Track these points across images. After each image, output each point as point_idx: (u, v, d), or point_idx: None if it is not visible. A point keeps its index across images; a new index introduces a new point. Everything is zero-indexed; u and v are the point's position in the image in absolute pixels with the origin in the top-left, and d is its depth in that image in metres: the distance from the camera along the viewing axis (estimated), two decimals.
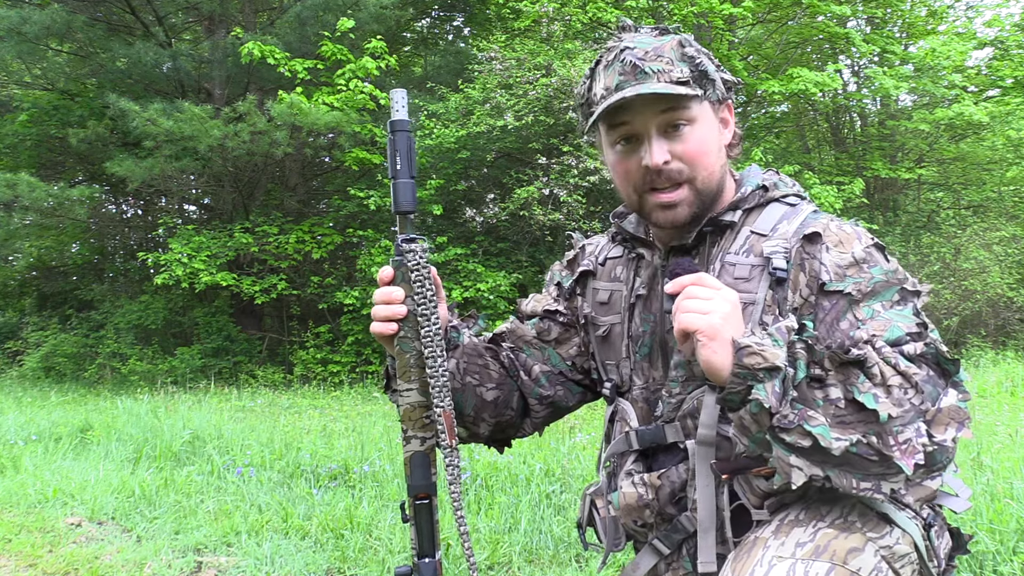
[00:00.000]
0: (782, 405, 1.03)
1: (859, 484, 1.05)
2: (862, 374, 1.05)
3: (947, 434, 1.05)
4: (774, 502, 1.19)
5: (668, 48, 1.21)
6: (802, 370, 1.04)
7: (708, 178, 1.24)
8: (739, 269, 1.22)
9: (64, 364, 11.37)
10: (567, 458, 3.97)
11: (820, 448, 1.02)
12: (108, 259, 14.34)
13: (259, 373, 10.26)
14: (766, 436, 1.05)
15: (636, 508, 1.28)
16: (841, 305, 1.15)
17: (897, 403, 1.03)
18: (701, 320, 1.07)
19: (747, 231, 1.26)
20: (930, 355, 1.09)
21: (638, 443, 1.31)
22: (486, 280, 9.34)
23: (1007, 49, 12.22)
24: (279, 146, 9.80)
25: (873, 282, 1.15)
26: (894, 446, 1.02)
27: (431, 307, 1.19)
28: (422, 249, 1.17)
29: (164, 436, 5.04)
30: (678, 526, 1.26)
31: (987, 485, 2.92)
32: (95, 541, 3.46)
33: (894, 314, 1.13)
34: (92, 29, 11.03)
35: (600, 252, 1.45)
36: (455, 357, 1.35)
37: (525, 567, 2.91)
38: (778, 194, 1.29)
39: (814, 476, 1.05)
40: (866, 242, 1.19)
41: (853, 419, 1.03)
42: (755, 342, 1.04)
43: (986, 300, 10.52)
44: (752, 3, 9.97)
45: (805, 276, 1.17)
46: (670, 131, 1.21)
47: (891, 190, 12.84)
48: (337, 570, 2.98)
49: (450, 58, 12.13)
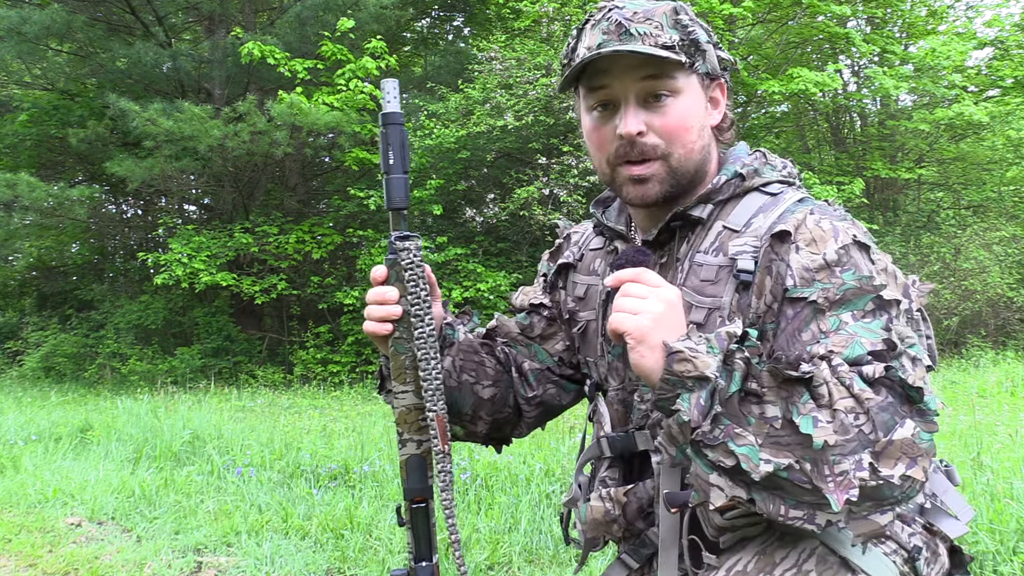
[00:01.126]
0: (704, 420, 0.95)
1: (788, 512, 0.95)
2: (807, 393, 0.95)
3: (895, 469, 0.93)
4: (732, 536, 1.09)
5: (660, 12, 1.12)
6: (736, 383, 0.95)
7: (685, 156, 1.14)
8: (706, 270, 1.12)
9: (64, 364, 11.36)
10: (567, 458, 3.97)
11: (743, 469, 0.94)
12: (108, 259, 14.34)
13: (259, 373, 10.26)
14: (688, 450, 0.98)
15: (603, 523, 1.22)
16: (805, 314, 1.03)
17: (840, 430, 0.92)
18: (630, 321, 1.00)
19: (719, 226, 1.14)
20: (894, 379, 0.96)
21: (609, 450, 1.25)
22: (486, 280, 9.34)
23: (1007, 49, 12.22)
24: (279, 146, 9.81)
25: (844, 288, 1.02)
26: (828, 477, 0.92)
27: (425, 307, 1.14)
28: (416, 247, 1.13)
29: (164, 436, 5.04)
30: (646, 541, 1.20)
31: (987, 485, 2.92)
32: (95, 541, 3.46)
33: (860, 327, 1.00)
34: (92, 29, 11.04)
35: (583, 243, 1.37)
36: (451, 355, 1.30)
37: (525, 567, 2.91)
38: (758, 182, 1.16)
39: (736, 497, 0.96)
40: (843, 240, 1.05)
41: (789, 441, 0.93)
42: (687, 347, 0.96)
43: (986, 300, 10.52)
44: (752, 3, 9.96)
45: (771, 280, 1.06)
46: (650, 101, 1.12)
47: (891, 190, 12.84)
48: (337, 570, 2.98)
49: (450, 58, 12.12)
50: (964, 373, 7.99)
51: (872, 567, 1.05)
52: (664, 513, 1.14)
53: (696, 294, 1.12)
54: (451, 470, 1.15)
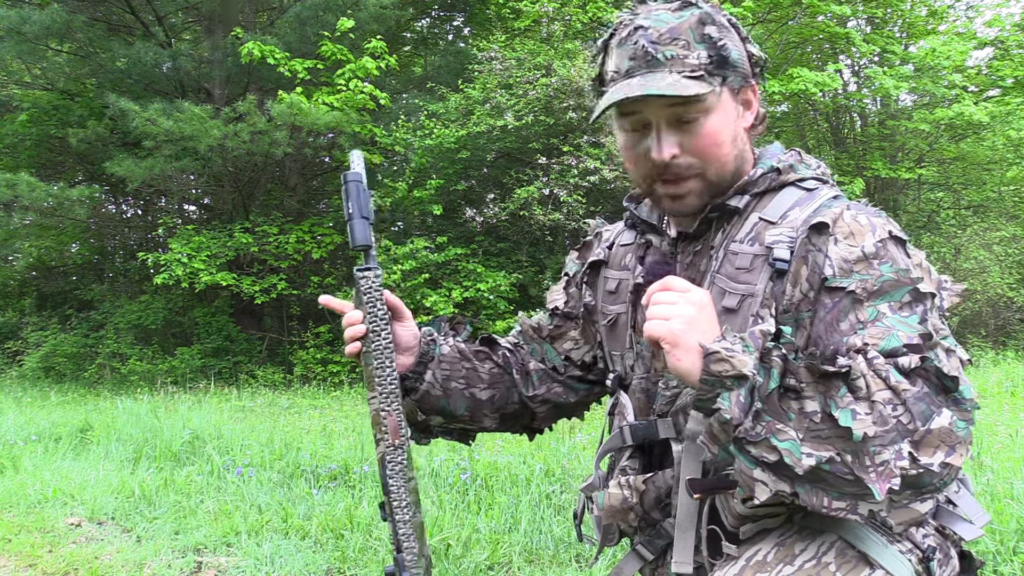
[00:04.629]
0: (746, 417, 0.97)
1: (832, 503, 0.97)
2: (844, 386, 0.97)
3: (935, 458, 0.96)
4: (752, 527, 1.11)
5: (686, 28, 1.12)
6: (774, 380, 0.98)
7: (720, 169, 1.16)
8: (741, 258, 1.14)
9: (64, 364, 11.36)
10: (567, 458, 3.97)
11: (786, 464, 0.96)
12: (108, 259, 14.35)
13: (259, 373, 10.26)
14: (731, 447, 1.00)
15: (620, 511, 1.24)
16: (844, 304, 1.05)
17: (880, 421, 0.95)
18: (662, 327, 1.03)
19: (755, 217, 1.17)
20: (929, 369, 0.99)
21: (631, 438, 1.27)
22: (486, 280, 9.34)
23: (1007, 49, 12.23)
24: (279, 146, 9.81)
25: (881, 280, 1.04)
26: (870, 467, 0.95)
27: (382, 324, 1.27)
28: (375, 275, 1.29)
29: (164, 436, 5.03)
30: (662, 532, 1.22)
31: (987, 485, 2.92)
32: (95, 541, 3.46)
33: (897, 320, 1.03)
34: (92, 29, 11.04)
35: (614, 239, 1.40)
36: (431, 368, 1.37)
37: (525, 567, 2.91)
38: (793, 177, 1.19)
39: (780, 491, 0.98)
40: (881, 235, 1.07)
41: (829, 434, 0.96)
42: (724, 347, 0.98)
43: (986, 300, 10.53)
44: (752, 3, 9.97)
45: (807, 269, 1.08)
46: (680, 123, 1.13)
47: (891, 190, 12.84)
48: (337, 570, 2.98)
49: (450, 58, 12.12)
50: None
51: (889, 563, 1.06)
52: (683, 499, 1.16)
53: (731, 281, 1.14)
54: (402, 461, 1.25)
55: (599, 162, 8.90)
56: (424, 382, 1.36)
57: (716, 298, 1.13)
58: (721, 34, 1.14)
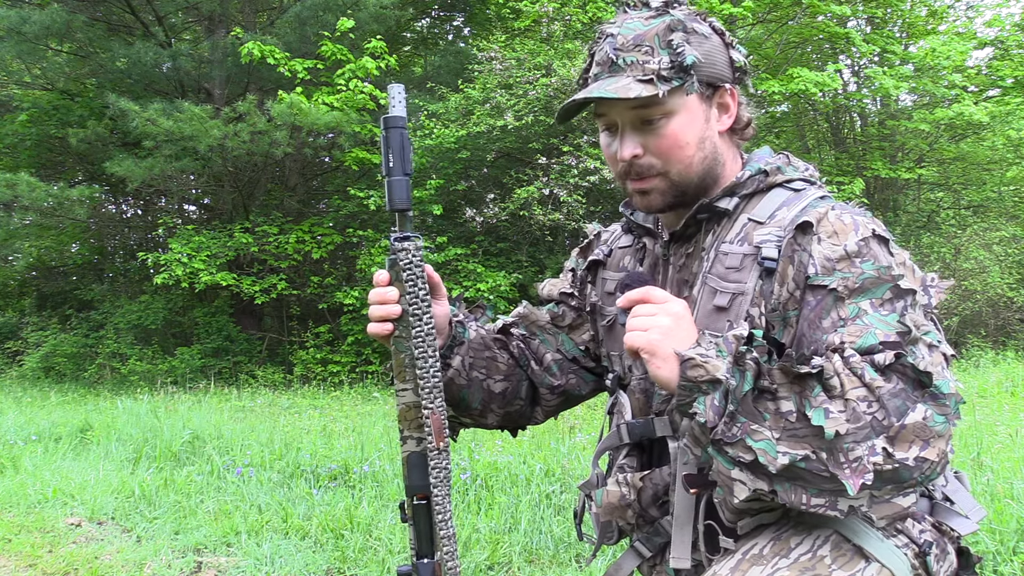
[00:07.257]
0: (720, 419, 1.01)
1: (810, 500, 1.00)
2: (818, 386, 1.00)
3: (910, 452, 0.98)
4: (749, 521, 1.13)
5: (652, 35, 1.16)
6: (748, 382, 1.01)
7: (684, 171, 1.20)
8: (731, 258, 1.17)
9: (64, 364, 11.37)
10: (567, 458, 3.97)
11: (760, 463, 1.00)
12: (108, 259, 14.34)
13: (259, 373, 10.26)
14: (710, 448, 1.04)
15: (618, 508, 1.26)
16: (826, 302, 1.08)
17: (853, 418, 0.98)
18: (641, 338, 1.07)
19: (744, 218, 1.20)
20: (906, 365, 1.01)
21: (628, 437, 1.29)
22: (486, 280, 9.35)
23: (1007, 49, 12.22)
24: (279, 146, 9.81)
25: (863, 278, 1.07)
26: (844, 463, 0.98)
27: (424, 306, 1.17)
28: (415, 247, 1.15)
29: (164, 436, 5.04)
30: (659, 529, 1.24)
31: (987, 485, 2.92)
32: (95, 541, 3.46)
33: (876, 317, 1.05)
34: (92, 29, 11.04)
35: (612, 241, 1.44)
36: (460, 354, 1.33)
37: (525, 567, 2.91)
38: (781, 179, 1.22)
39: (758, 490, 1.01)
40: (863, 233, 1.09)
41: (805, 433, 0.99)
42: (698, 354, 1.02)
43: (986, 300, 10.53)
44: (752, 3, 9.96)
45: (793, 269, 1.10)
46: (644, 125, 1.18)
47: (891, 190, 12.84)
48: (337, 570, 2.98)
49: (450, 58, 12.12)
50: (964, 373, 7.98)
51: (885, 557, 1.08)
52: (680, 495, 1.18)
53: (722, 280, 1.17)
54: (447, 467, 1.17)
55: (599, 162, 8.89)
56: (451, 369, 1.32)
57: (708, 297, 1.17)
58: (686, 40, 1.16)
